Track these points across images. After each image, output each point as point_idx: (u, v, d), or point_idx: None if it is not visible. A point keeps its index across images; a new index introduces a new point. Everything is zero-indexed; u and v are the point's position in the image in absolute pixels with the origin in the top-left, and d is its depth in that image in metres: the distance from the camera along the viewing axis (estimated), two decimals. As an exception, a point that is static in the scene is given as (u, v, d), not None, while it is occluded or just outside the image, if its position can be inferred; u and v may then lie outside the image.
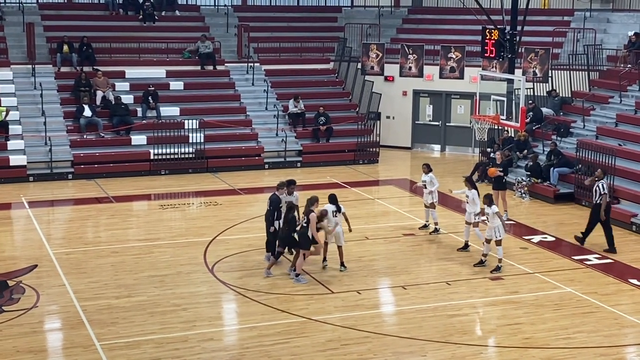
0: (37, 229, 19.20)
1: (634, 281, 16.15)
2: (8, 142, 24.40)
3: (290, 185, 16.81)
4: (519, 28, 24.23)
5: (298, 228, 15.70)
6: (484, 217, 16.98)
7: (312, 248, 15.70)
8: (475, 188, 18.14)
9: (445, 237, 18.82)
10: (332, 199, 16.42)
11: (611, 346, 13.18)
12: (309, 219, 15.53)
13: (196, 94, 28.08)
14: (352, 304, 14.64)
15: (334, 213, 16.16)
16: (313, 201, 15.83)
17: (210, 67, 29.01)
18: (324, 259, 16.53)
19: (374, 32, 31.29)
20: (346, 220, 16.47)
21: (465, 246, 17.85)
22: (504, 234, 16.65)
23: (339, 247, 16.33)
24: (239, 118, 27.55)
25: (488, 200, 16.56)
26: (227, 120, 27.03)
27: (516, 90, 23.10)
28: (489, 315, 14.51)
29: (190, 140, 25.64)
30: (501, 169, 20.59)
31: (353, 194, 22.89)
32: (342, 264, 16.36)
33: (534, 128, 25.40)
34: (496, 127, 24.34)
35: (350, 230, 16.54)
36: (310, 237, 15.54)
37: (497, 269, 16.41)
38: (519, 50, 25.67)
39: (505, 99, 22.75)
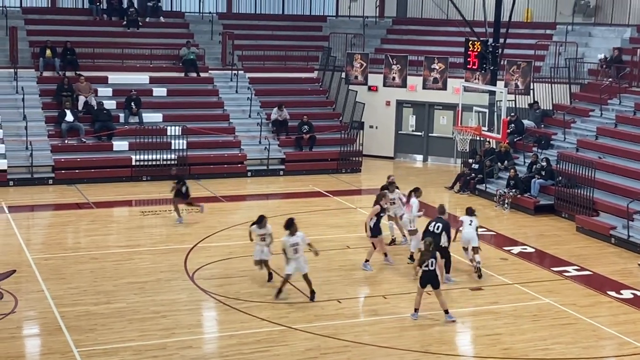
0: (17, 234, 19.07)
1: (612, 293, 16.25)
2: (-11, 146, 24.27)
3: (291, 226, 15.24)
4: (501, 40, 24.41)
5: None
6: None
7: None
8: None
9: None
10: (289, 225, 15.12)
11: (589, 358, 13.27)
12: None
13: (179, 101, 28.05)
14: (332, 313, 14.64)
15: (292, 246, 14.90)
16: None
17: (194, 74, 28.99)
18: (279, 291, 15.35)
19: (358, 42, 31.39)
20: (309, 245, 15.28)
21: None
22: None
23: (304, 276, 15.16)
24: (222, 125, 27.52)
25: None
26: (210, 127, 27.00)
27: (498, 102, 23.25)
28: (469, 325, 14.55)
29: (173, 147, 25.59)
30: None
31: (335, 203, 22.91)
32: (312, 293, 15.22)
33: (515, 140, 25.56)
34: (478, 138, 24.47)
35: (316, 254, 15.44)
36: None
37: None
38: (501, 63, 25.87)
39: (487, 110, 22.89)
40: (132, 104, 26.46)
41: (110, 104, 26.58)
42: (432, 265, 14.25)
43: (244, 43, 30.70)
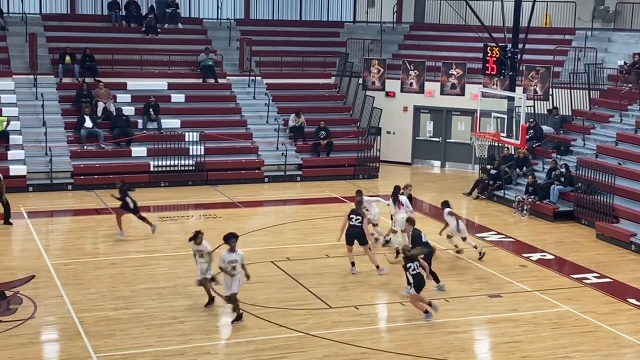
0: (36, 239, 19.18)
1: (633, 301, 16.10)
2: (8, 152, 24.42)
3: (230, 239, 14.50)
4: (520, 46, 24.31)
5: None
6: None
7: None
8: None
9: (444, 254, 18.77)
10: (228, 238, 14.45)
11: (609, 366, 13.16)
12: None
13: (197, 107, 28.13)
14: (349, 320, 14.60)
15: (230, 263, 14.15)
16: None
17: (212, 80, 29.07)
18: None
19: (375, 48, 31.37)
20: (243, 267, 14.38)
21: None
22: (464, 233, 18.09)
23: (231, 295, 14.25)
24: (239, 131, 27.57)
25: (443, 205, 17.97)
26: (228, 133, 27.05)
27: (517, 108, 23.13)
28: (488, 333, 14.47)
29: (191, 153, 25.67)
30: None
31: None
32: (237, 318, 14.29)
33: (534, 146, 25.43)
34: (496, 144, 24.37)
35: (247, 278, 14.46)
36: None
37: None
38: (520, 68, 25.75)
39: (505, 116, 22.79)
40: (151, 110, 26.57)
41: (129, 110, 26.70)
42: (417, 268, 14.42)
43: (262, 49, 30.77)
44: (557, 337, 14.09)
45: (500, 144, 24.53)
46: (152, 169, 25.12)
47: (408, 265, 14.41)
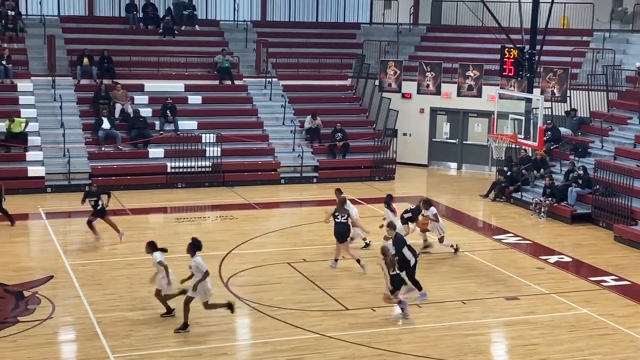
0: (54, 240, 19.29)
1: (651, 304, 16.00)
2: (27, 153, 24.60)
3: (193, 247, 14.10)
4: (538, 47, 24.22)
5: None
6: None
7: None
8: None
9: (462, 256, 18.74)
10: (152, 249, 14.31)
11: (628, 369, 13.07)
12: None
13: (214, 108, 28.21)
14: (366, 321, 14.58)
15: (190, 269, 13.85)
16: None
17: (229, 82, 29.14)
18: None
19: (392, 49, 31.35)
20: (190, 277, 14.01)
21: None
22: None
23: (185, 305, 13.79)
24: (256, 133, 27.62)
25: (426, 205, 18.12)
26: (244, 134, 27.11)
27: (534, 110, 23.05)
28: (504, 335, 14.41)
29: (207, 154, 25.75)
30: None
31: (369, 211, 22.82)
32: (182, 326, 13.82)
33: (551, 148, 25.32)
34: (514, 146, 24.29)
35: (194, 289, 13.85)
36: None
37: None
38: (538, 70, 25.64)
39: (523, 118, 22.71)
40: (168, 111, 26.67)
41: (146, 112, 26.82)
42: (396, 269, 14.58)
43: (278, 51, 30.82)
44: (574, 340, 14.02)
45: (517, 146, 24.43)
46: (169, 170, 25.21)
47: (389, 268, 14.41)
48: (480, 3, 26.59)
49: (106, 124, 25.74)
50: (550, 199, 22.67)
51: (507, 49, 24.10)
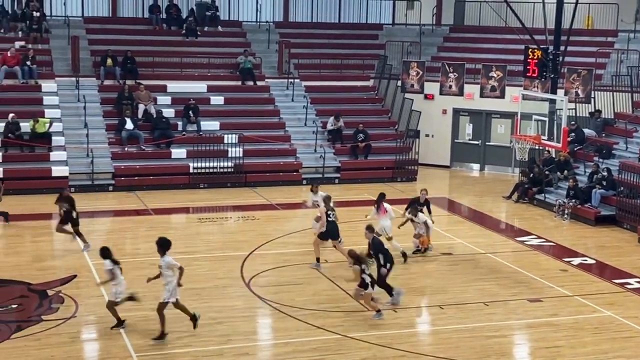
0: (77, 239, 19.38)
1: (677, 307, 15.82)
2: (51, 153, 24.78)
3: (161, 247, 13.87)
4: (562, 48, 24.06)
5: None
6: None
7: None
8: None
9: (483, 258, 18.66)
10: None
11: (652, 373, 12.94)
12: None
13: (236, 109, 28.27)
14: (388, 322, 14.54)
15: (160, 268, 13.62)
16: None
17: (251, 83, 29.21)
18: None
19: (414, 50, 31.28)
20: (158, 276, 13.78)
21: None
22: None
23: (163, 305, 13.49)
24: (278, 133, 27.66)
25: (415, 210, 18.08)
26: (266, 135, 27.16)
27: (558, 111, 22.89)
28: (527, 337, 14.32)
29: (230, 155, 25.82)
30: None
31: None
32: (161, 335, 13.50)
33: (575, 149, 25.14)
34: (537, 147, 24.14)
35: (180, 285, 13.74)
36: None
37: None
38: (562, 71, 25.47)
39: (547, 119, 22.58)
40: (190, 112, 26.77)
41: (169, 112, 26.94)
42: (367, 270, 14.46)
43: (300, 51, 30.84)
44: (598, 343, 13.90)
45: (541, 147, 24.28)
46: (191, 170, 25.31)
47: (364, 268, 14.34)
48: (504, 3, 26.46)
49: (129, 125, 25.88)
50: (573, 200, 22.50)
51: (530, 50, 23.96)
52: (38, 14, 28.86)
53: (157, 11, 31.14)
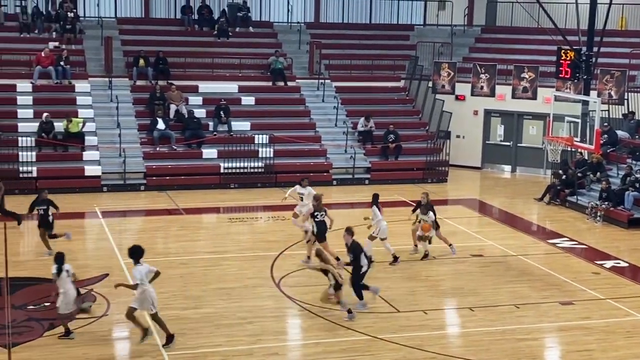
0: (110, 238, 19.59)
1: None
2: (84, 152, 25.04)
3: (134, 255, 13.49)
4: (595, 49, 23.82)
5: None
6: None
7: None
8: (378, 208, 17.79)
9: (514, 260, 18.53)
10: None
11: (686, 378, 12.77)
12: None
13: (267, 109, 28.36)
14: (418, 324, 14.51)
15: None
16: None
17: (282, 83, 29.28)
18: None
19: (446, 51, 31.15)
20: (126, 285, 13.63)
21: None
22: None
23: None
24: (308, 134, 27.70)
25: (426, 209, 17.80)
26: (297, 135, 27.20)
27: (591, 112, 22.67)
28: (559, 340, 14.20)
29: (260, 155, 25.91)
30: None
31: (421, 213, 22.71)
32: (144, 334, 13.19)
33: (608, 151, 24.89)
34: (569, 149, 23.93)
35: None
36: None
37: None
38: (595, 72, 25.22)
39: (579, 120, 22.38)
40: (222, 112, 26.91)
41: (200, 113, 27.09)
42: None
43: (331, 52, 30.85)
44: (630, 347, 13.74)
45: (573, 149, 24.06)
46: (222, 170, 25.43)
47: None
48: (536, 4, 26.26)
49: (161, 125, 26.07)
50: (606, 202, 22.27)
51: (563, 51, 23.75)
52: (72, 15, 29.17)
53: (190, 12, 31.33)
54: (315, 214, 17.17)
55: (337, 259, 16.76)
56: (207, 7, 31.58)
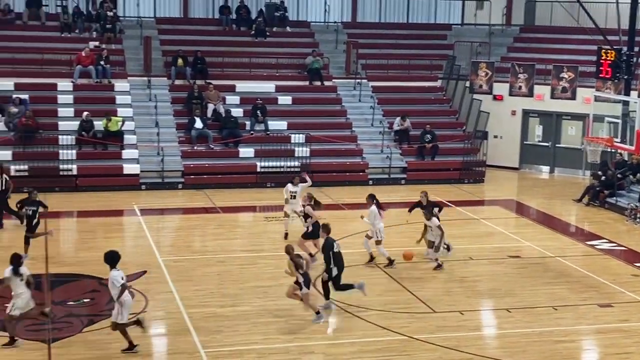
0: (148, 236, 19.79)
1: None
2: (123, 151, 25.30)
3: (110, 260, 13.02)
4: (636, 49, 23.52)
5: None
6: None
7: None
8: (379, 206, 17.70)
9: (552, 261, 18.37)
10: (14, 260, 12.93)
11: None
12: None
13: (303, 109, 28.42)
14: (454, 325, 14.45)
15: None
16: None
17: (318, 83, 29.32)
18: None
19: (484, 51, 30.96)
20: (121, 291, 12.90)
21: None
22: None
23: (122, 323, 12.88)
24: (344, 134, 27.70)
25: (430, 214, 17.25)
26: (333, 135, 27.22)
27: (631, 113, 22.39)
28: (597, 343, 14.06)
29: (296, 154, 25.98)
30: None
31: (457, 213, 22.63)
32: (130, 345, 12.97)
33: (649, 152, 24.53)
34: (609, 149, 23.64)
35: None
36: None
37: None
38: (636, 72, 24.89)
39: (619, 121, 22.11)
40: (258, 112, 27.03)
41: (237, 112, 27.24)
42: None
43: (368, 52, 30.83)
44: (671, 351, 13.57)
45: (613, 150, 23.77)
46: (258, 169, 25.55)
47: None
48: (576, 3, 26.00)
49: (199, 124, 26.26)
50: (647, 204, 21.99)
51: (603, 51, 23.49)
52: (112, 14, 29.51)
53: (227, 12, 31.51)
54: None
55: (311, 255, 16.88)
56: (245, 7, 31.73)
